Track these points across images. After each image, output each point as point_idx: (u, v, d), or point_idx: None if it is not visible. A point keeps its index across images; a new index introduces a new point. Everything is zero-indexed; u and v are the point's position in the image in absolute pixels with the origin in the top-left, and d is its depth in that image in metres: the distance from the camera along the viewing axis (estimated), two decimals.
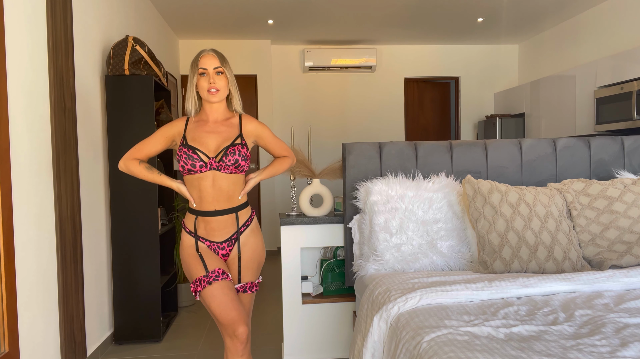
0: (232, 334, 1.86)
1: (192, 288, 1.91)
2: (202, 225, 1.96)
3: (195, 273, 1.91)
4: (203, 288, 1.87)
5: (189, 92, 1.97)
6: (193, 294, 1.93)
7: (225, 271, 1.92)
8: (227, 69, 1.94)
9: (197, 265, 1.92)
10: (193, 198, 1.95)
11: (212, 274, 1.88)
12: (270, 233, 6.19)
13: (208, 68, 1.91)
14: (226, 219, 1.96)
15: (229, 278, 1.92)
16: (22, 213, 2.23)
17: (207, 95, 1.92)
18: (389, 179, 2.49)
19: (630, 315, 1.63)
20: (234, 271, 2.00)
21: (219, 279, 1.88)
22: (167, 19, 5.12)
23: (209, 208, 1.94)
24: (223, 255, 1.99)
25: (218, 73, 1.92)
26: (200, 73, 1.92)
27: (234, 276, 2.00)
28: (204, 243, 1.97)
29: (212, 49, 1.96)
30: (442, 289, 1.86)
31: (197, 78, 1.93)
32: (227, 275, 1.91)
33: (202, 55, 1.94)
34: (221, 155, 1.90)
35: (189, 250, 1.97)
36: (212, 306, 1.86)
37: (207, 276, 1.88)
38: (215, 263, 1.92)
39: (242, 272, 2.00)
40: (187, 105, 1.99)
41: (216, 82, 1.91)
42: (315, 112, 6.38)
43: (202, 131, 1.95)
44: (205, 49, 1.96)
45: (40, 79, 2.41)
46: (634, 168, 2.77)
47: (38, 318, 2.34)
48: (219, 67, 1.92)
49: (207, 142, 1.93)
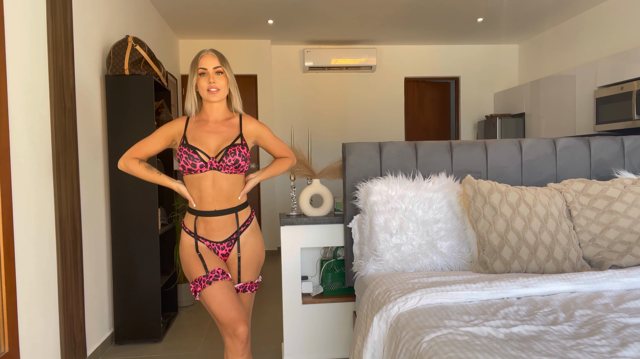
0: (232, 334, 1.86)
1: (192, 288, 1.91)
2: (202, 224, 1.96)
3: (195, 273, 1.91)
4: (203, 288, 1.87)
5: (189, 92, 1.97)
6: (193, 294, 1.93)
7: (225, 271, 1.92)
8: (227, 69, 1.95)
9: (197, 265, 1.92)
10: (193, 198, 1.95)
11: (212, 274, 1.89)
12: (270, 233, 6.19)
13: (208, 68, 1.91)
14: (226, 219, 1.96)
15: (228, 278, 1.92)
16: (22, 213, 2.22)
17: (207, 95, 1.92)
18: (389, 179, 2.49)
19: (630, 315, 1.63)
20: (233, 271, 2.00)
21: (219, 279, 1.88)
22: (167, 19, 5.12)
23: (208, 208, 1.94)
24: (223, 255, 1.99)
25: (218, 73, 1.93)
26: (200, 73, 1.92)
27: (234, 276, 2.00)
28: (204, 243, 1.97)
29: (211, 49, 1.97)
30: (442, 289, 1.86)
31: (197, 78, 1.94)
32: (226, 274, 1.91)
33: (201, 55, 1.94)
34: (221, 155, 1.90)
35: (189, 250, 1.97)
36: (212, 306, 1.86)
37: (207, 276, 1.88)
38: (215, 263, 1.92)
39: (241, 272, 2.00)
40: (187, 105, 1.99)
41: (216, 82, 1.91)
42: (315, 112, 6.38)
43: (202, 131, 1.95)
44: (205, 49, 1.96)
45: (40, 79, 2.41)
46: (634, 168, 2.77)
47: (38, 318, 2.34)
48: (219, 67, 1.93)
49: (207, 142, 1.93)
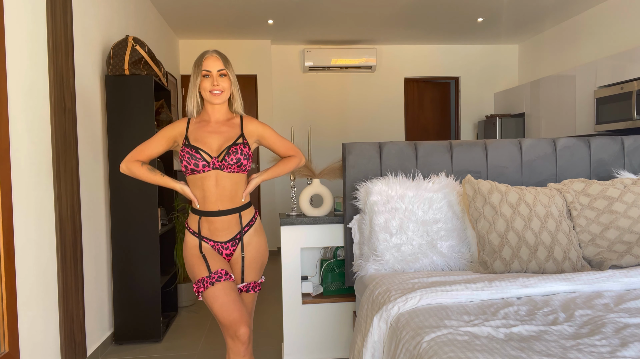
0: (234, 335, 1.86)
1: (195, 288, 1.91)
2: (206, 225, 1.96)
3: (199, 273, 1.91)
4: (206, 289, 1.87)
5: (191, 92, 1.97)
6: (195, 294, 1.93)
7: (228, 271, 1.92)
8: (230, 71, 1.96)
9: (201, 266, 1.92)
10: (197, 199, 1.95)
11: (215, 275, 1.89)
12: (271, 233, 6.19)
13: (212, 71, 1.92)
14: (230, 219, 1.96)
15: (231, 279, 1.92)
16: (22, 213, 2.22)
17: (210, 96, 1.93)
18: (389, 179, 2.49)
19: (630, 315, 1.63)
20: (237, 271, 2.00)
21: (222, 280, 1.88)
22: (167, 18, 5.12)
23: (212, 208, 1.94)
24: (227, 255, 2.00)
25: (221, 75, 1.93)
26: (204, 75, 1.92)
27: (237, 275, 2.00)
28: (208, 243, 1.97)
29: (215, 50, 1.97)
30: (442, 289, 1.86)
31: (200, 80, 1.93)
32: (229, 275, 1.91)
33: (205, 57, 1.94)
34: (223, 155, 1.90)
35: (193, 251, 1.97)
36: (214, 306, 1.86)
37: (210, 276, 1.88)
38: (218, 264, 1.93)
39: (245, 272, 2.01)
40: (188, 106, 1.99)
41: (219, 84, 1.92)
42: (315, 112, 6.38)
43: (204, 131, 1.96)
44: (209, 50, 1.97)
45: (40, 79, 2.41)
46: (633, 168, 2.77)
47: (38, 318, 2.34)
48: (223, 70, 1.93)
49: (209, 142, 1.93)
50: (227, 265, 1.97)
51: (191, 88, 1.96)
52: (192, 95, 1.97)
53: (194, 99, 1.97)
